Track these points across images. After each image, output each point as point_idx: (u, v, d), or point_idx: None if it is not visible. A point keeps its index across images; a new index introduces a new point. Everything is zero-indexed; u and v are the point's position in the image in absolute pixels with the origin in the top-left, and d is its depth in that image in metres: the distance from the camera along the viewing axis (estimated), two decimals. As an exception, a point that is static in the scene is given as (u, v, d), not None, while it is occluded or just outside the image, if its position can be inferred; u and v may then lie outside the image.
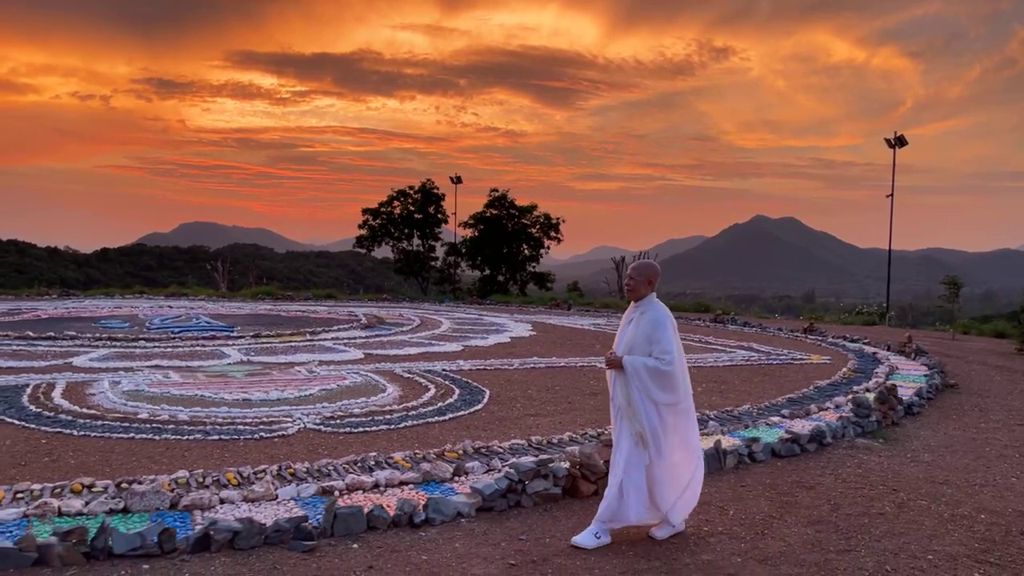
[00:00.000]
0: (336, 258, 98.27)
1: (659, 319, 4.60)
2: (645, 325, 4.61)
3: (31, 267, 60.31)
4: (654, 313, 4.63)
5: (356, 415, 7.55)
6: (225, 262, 34.61)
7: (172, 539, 4.16)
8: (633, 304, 4.79)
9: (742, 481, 5.88)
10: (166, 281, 40.48)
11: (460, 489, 5.31)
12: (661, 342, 4.54)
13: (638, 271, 4.76)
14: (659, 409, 4.55)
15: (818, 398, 9.24)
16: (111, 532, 4.07)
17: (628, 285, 4.77)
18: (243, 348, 12.48)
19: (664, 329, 4.57)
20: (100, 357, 11.03)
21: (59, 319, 17.10)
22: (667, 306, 4.73)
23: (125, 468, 5.64)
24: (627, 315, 4.81)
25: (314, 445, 6.51)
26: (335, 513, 4.52)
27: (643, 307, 4.69)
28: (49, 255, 73.16)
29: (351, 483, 5.27)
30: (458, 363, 11.38)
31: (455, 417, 7.71)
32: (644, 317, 4.64)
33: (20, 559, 3.90)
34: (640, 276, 4.73)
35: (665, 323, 4.59)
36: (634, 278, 4.74)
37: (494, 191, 36.12)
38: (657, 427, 4.54)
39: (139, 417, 7.12)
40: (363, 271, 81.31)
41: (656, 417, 4.54)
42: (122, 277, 58.10)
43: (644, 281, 4.73)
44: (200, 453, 6.13)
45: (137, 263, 78.27)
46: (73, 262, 74.27)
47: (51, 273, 52.61)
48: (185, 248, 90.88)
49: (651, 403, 4.53)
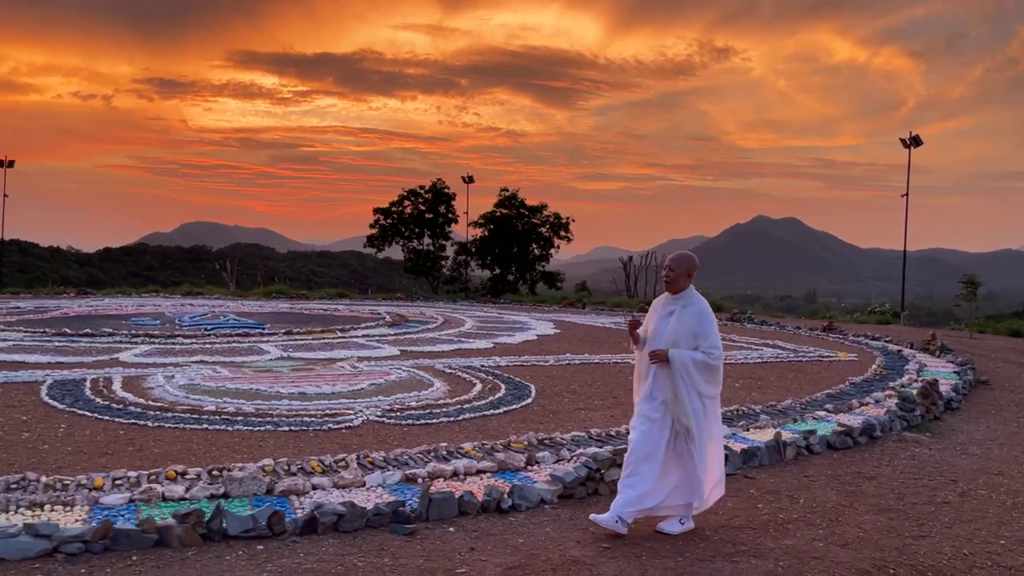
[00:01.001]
0: (338, 258, 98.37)
1: (704, 313, 4.61)
2: (689, 319, 4.59)
3: (33, 267, 60.35)
4: (698, 307, 4.62)
5: (413, 408, 7.72)
6: (234, 262, 34.82)
7: (281, 521, 4.33)
8: (669, 296, 4.73)
9: (804, 472, 6.04)
10: (168, 281, 40.63)
11: (537, 478, 5.47)
12: (709, 336, 4.55)
13: (678, 263, 4.70)
14: (703, 402, 4.59)
15: (856, 394, 9.40)
16: (225, 514, 4.24)
17: (667, 277, 4.70)
18: (280, 344, 12.64)
19: (711, 323, 4.60)
20: (143, 353, 11.19)
21: (87, 316, 17.28)
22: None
23: (209, 457, 5.82)
24: (662, 307, 4.75)
25: (381, 436, 6.68)
26: (430, 498, 4.69)
27: (684, 300, 4.66)
28: (51, 255, 73.17)
29: (432, 471, 5.44)
30: (494, 359, 11.55)
31: (509, 411, 7.88)
32: (687, 311, 4.61)
33: (142, 540, 4.07)
34: (680, 268, 4.68)
35: (711, 317, 4.61)
36: (673, 270, 4.67)
37: (504, 190, 36.33)
38: (702, 420, 4.58)
39: (206, 409, 7.29)
40: (365, 271, 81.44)
41: (701, 409, 4.58)
42: (125, 277, 58.18)
43: (684, 273, 4.67)
44: (275, 443, 6.30)
45: (139, 263, 78.27)
46: (76, 261, 74.27)
47: (53, 273, 52.61)
48: (187, 248, 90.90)
49: (697, 396, 4.55)
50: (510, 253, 35.56)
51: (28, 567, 3.80)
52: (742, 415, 7.81)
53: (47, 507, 4.52)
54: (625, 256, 36.09)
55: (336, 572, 3.91)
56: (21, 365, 9.75)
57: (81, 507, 4.55)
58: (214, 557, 4.03)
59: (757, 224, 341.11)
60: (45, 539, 3.91)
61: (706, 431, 4.61)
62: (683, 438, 4.59)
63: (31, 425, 6.68)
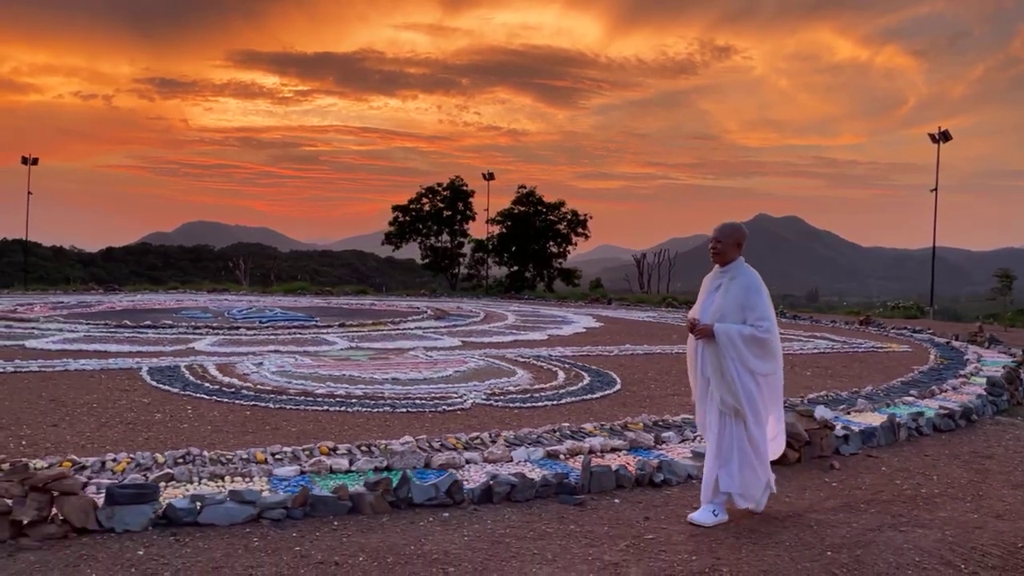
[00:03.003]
0: (340, 257, 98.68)
1: (753, 283, 4.33)
2: (737, 291, 4.31)
3: (37, 266, 60.40)
4: (747, 278, 4.35)
5: (512, 392, 7.85)
6: (247, 260, 35.00)
7: (460, 491, 4.46)
8: (718, 269, 4.46)
9: (923, 452, 6.17)
10: (171, 280, 40.55)
11: (672, 454, 5.60)
12: (757, 308, 4.26)
13: (725, 233, 4.40)
14: (756, 380, 4.28)
15: (929, 382, 9.53)
16: (410, 483, 4.37)
17: (714, 249, 4.43)
18: (342, 336, 12.77)
19: (760, 294, 4.30)
20: (215, 343, 11.33)
21: (132, 311, 17.41)
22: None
23: (347, 435, 5.94)
24: (710, 281, 4.50)
25: (495, 417, 6.81)
26: (591, 471, 4.83)
27: (732, 272, 4.38)
28: (54, 254, 73.20)
29: (571, 448, 5.58)
30: (558, 350, 11.68)
31: (604, 396, 8.02)
32: (735, 283, 4.34)
33: (338, 506, 4.20)
34: (728, 239, 4.39)
35: (760, 288, 4.32)
36: (721, 240, 4.40)
37: (522, 188, 36.44)
38: (756, 399, 4.27)
39: (318, 392, 7.43)
40: (367, 270, 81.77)
41: (754, 388, 4.27)
42: (128, 277, 58.24)
43: (732, 244, 4.40)
44: (401, 423, 6.43)
45: (142, 263, 78.36)
46: (79, 261, 74.30)
47: (56, 272, 52.72)
48: (190, 247, 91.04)
49: (748, 373, 4.24)
50: (528, 250, 35.67)
51: (239, 531, 3.93)
52: (836, 400, 7.95)
53: (227, 478, 4.65)
54: (629, 255, 36.26)
55: (530, 536, 4.04)
56: (105, 354, 9.87)
57: (259, 478, 4.68)
58: (408, 523, 4.16)
59: (758, 223, 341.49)
60: (250, 505, 4.04)
61: (763, 411, 4.32)
62: (730, 420, 4.31)
63: (157, 407, 6.82)
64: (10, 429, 5.90)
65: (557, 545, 3.94)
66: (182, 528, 3.92)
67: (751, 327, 4.23)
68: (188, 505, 3.97)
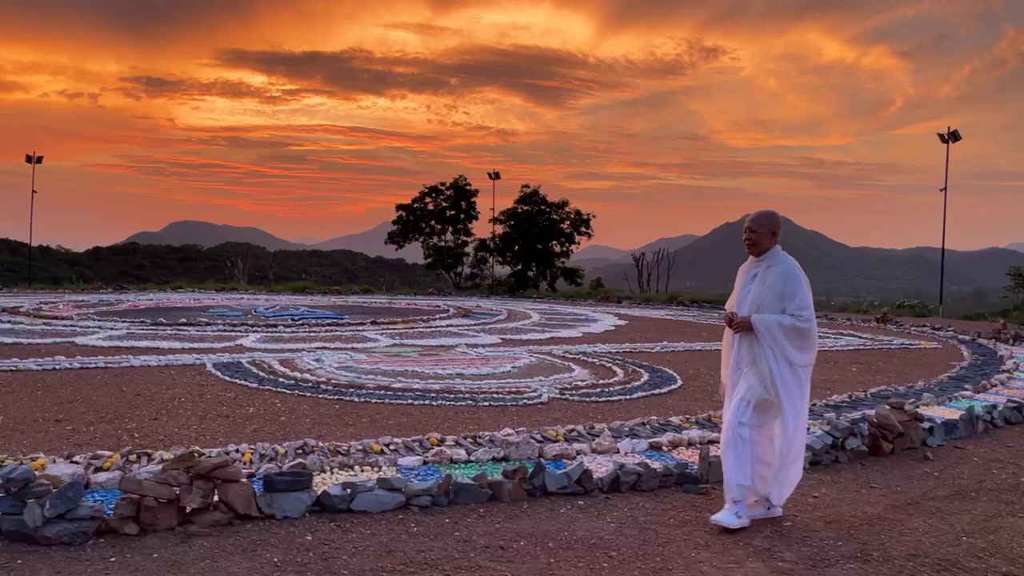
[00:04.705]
0: (328, 257, 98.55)
1: (791, 272, 4.16)
2: (774, 279, 4.15)
3: (23, 266, 59.89)
4: (784, 266, 4.18)
5: (582, 388, 7.93)
6: (246, 259, 34.91)
7: (590, 479, 4.54)
8: (753, 259, 4.31)
9: (1006, 442, 6.30)
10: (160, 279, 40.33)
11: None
12: (796, 297, 4.09)
13: (759, 222, 4.26)
14: (795, 372, 4.12)
15: (976, 377, 9.68)
16: (545, 472, 4.45)
17: (748, 239, 4.27)
18: (381, 333, 12.82)
19: (799, 282, 4.13)
20: (260, 339, 11.36)
21: (154, 309, 17.38)
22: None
23: (443, 427, 6.01)
24: (746, 272, 4.35)
25: (576, 411, 6.89)
26: (709, 461, 4.91)
27: (768, 260, 4.23)
28: (40, 253, 72.66)
29: (672, 439, 5.67)
30: (600, 346, 11.77)
31: (671, 391, 8.11)
32: (772, 271, 4.18)
33: (479, 494, 4.27)
34: (763, 228, 4.24)
35: (799, 276, 4.16)
36: (755, 230, 4.24)
37: (526, 187, 36.51)
38: (795, 392, 4.12)
39: (395, 387, 7.48)
40: (356, 270, 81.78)
41: (793, 381, 4.11)
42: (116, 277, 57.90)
43: (767, 232, 4.24)
44: (489, 416, 6.50)
45: (130, 262, 77.91)
46: (65, 261, 73.79)
47: (44, 272, 52.37)
48: (177, 247, 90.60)
49: (787, 365, 4.09)
50: (532, 249, 35.74)
51: (393, 518, 4.00)
52: (896, 395, 8.06)
53: (356, 468, 4.71)
54: (619, 255, 36.37)
55: (672, 523, 4.13)
56: (159, 350, 9.89)
57: (387, 468, 4.75)
58: (548, 510, 4.24)
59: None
60: (398, 492, 4.11)
61: (801, 406, 4.17)
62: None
63: (244, 401, 6.87)
64: (115, 423, 5.94)
65: (703, 531, 4.03)
66: (337, 515, 3.98)
67: (791, 316, 4.07)
68: (341, 492, 4.03)
